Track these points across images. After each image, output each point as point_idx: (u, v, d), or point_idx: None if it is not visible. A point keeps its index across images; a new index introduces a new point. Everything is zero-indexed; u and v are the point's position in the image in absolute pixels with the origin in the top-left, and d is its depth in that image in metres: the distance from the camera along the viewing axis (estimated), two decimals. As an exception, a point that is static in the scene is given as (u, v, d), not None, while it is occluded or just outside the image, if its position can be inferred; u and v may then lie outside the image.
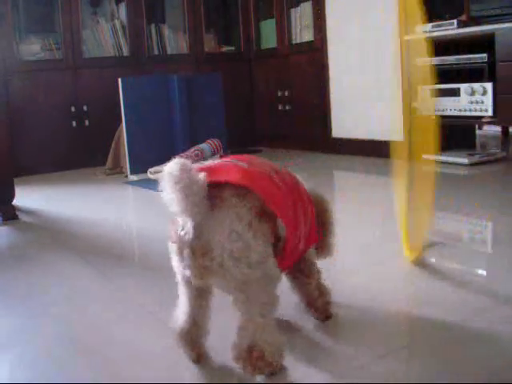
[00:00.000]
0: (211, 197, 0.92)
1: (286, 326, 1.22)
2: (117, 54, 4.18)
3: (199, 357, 1.05)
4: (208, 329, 1.06)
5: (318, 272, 1.23)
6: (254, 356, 0.96)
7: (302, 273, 1.20)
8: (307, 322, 1.23)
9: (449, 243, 1.71)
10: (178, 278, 1.01)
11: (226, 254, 0.91)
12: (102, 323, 1.33)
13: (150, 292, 1.50)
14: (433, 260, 1.60)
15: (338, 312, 1.26)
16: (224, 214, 0.92)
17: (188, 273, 0.94)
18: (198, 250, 0.91)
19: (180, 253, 0.94)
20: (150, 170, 3.32)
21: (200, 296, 1.03)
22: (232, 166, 0.99)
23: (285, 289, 1.22)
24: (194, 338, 1.04)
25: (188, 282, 0.99)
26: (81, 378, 1.08)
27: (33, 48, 3.93)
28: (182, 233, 0.93)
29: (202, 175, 0.90)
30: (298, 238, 1.06)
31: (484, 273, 1.53)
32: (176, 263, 0.97)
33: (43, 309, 1.44)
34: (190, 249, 0.92)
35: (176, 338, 1.05)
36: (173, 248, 0.96)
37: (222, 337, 1.15)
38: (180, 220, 0.94)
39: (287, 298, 1.22)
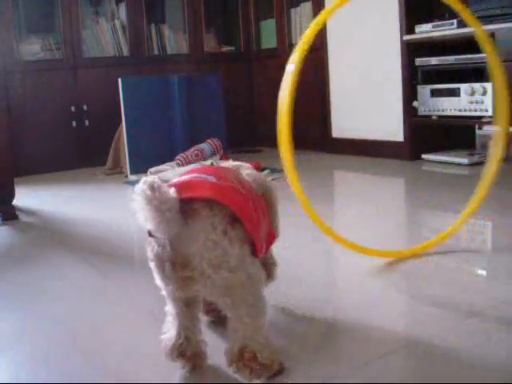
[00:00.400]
0: (183, 211, 0.93)
1: (284, 329, 1.22)
2: (117, 54, 4.18)
3: (195, 366, 1.05)
4: (201, 339, 1.06)
5: (274, 264, 1.30)
6: (245, 358, 0.96)
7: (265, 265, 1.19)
8: (304, 324, 1.23)
9: (447, 243, 1.71)
10: (165, 294, 1.02)
11: (206, 263, 0.92)
12: (101, 323, 1.33)
13: (150, 291, 1.50)
14: (432, 259, 1.60)
15: (335, 312, 1.26)
16: (198, 225, 0.93)
17: (171, 286, 0.95)
18: (178, 263, 0.93)
19: (160, 269, 0.95)
20: (150, 170, 3.31)
21: (188, 309, 1.04)
22: (203, 181, 1.00)
23: (282, 290, 1.22)
24: (186, 352, 1.04)
25: (174, 297, 1.01)
26: (81, 377, 1.08)
27: (33, 48, 3.93)
28: (160, 249, 0.94)
29: (172, 191, 0.92)
30: (261, 242, 1.07)
31: (484, 273, 1.53)
32: (159, 281, 0.98)
33: (43, 308, 1.44)
34: (169, 262, 0.93)
35: (168, 354, 1.05)
36: (153, 266, 0.97)
37: (220, 336, 1.15)
38: (155, 237, 0.95)
39: (283, 300, 1.22)
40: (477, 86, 2.95)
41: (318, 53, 3.91)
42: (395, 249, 1.66)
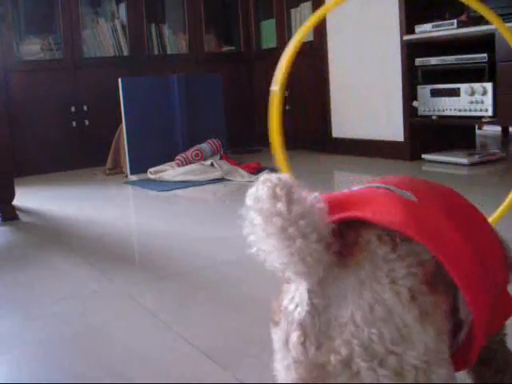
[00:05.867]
0: (344, 243, 0.57)
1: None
2: (117, 54, 4.18)
3: None
4: None
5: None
6: None
7: (486, 365, 0.75)
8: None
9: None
10: None
11: (359, 347, 0.53)
12: (102, 323, 1.33)
13: (150, 292, 1.50)
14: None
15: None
16: (364, 272, 0.55)
17: (295, 374, 0.56)
18: (312, 336, 0.55)
19: (285, 342, 0.57)
20: (150, 170, 3.32)
21: None
22: (393, 197, 0.62)
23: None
24: None
25: None
26: (81, 377, 1.08)
27: (33, 48, 3.93)
28: (291, 307, 0.58)
29: (319, 203, 0.56)
30: (486, 327, 0.64)
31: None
32: (279, 362, 0.58)
33: (43, 309, 1.44)
34: (299, 333, 0.56)
35: None
36: (276, 337, 0.59)
37: (221, 337, 1.15)
38: (291, 286, 0.59)
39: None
40: (477, 85, 2.95)
41: (318, 53, 3.91)
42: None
